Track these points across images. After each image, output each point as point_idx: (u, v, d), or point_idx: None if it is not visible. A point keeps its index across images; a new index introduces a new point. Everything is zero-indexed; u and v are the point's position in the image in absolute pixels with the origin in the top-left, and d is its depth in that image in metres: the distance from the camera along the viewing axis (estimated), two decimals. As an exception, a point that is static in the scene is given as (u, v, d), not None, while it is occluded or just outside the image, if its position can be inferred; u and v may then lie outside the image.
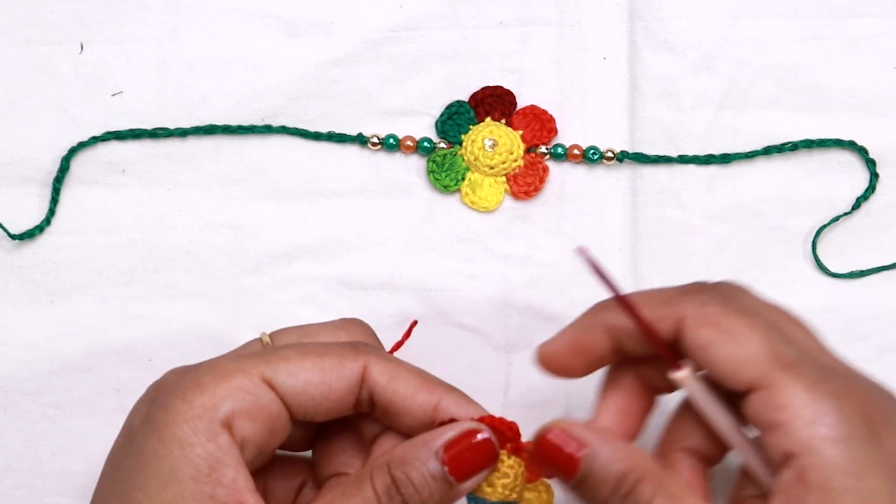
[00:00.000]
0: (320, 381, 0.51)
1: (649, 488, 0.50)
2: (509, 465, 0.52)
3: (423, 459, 0.50)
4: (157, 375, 0.62)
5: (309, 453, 0.57)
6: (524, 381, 0.65)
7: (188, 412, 0.49)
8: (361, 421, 0.55)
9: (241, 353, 0.53)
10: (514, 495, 0.52)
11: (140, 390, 0.65)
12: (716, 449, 0.53)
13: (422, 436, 0.51)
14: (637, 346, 0.52)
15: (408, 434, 0.53)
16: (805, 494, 0.47)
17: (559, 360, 0.53)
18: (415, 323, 0.60)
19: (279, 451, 0.55)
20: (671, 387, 0.52)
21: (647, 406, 0.54)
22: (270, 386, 0.51)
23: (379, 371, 0.52)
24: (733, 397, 0.51)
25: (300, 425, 0.55)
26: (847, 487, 0.47)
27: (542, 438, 0.51)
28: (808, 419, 0.48)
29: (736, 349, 0.49)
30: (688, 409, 0.53)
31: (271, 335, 0.55)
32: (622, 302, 0.50)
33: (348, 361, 0.52)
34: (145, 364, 0.65)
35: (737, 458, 0.53)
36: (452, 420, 0.52)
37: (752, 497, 0.52)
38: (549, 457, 0.51)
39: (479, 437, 0.51)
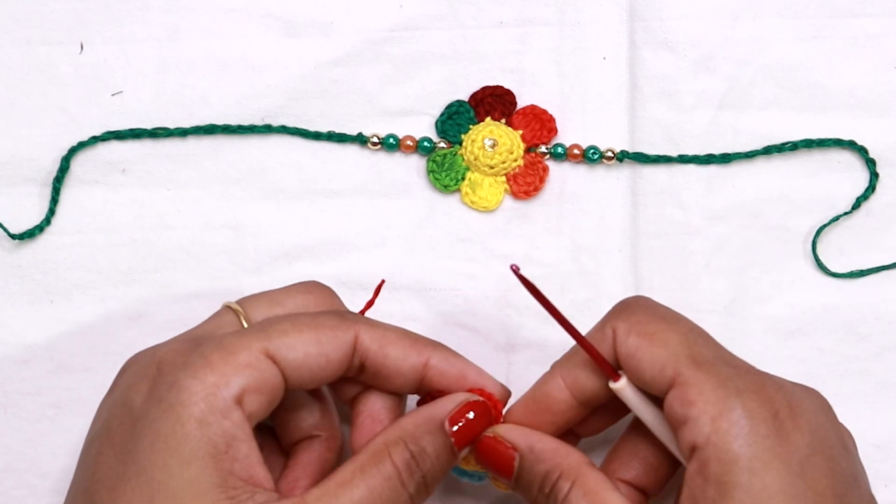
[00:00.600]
0: (318, 354, 0.53)
1: (567, 484, 0.52)
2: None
3: (434, 432, 0.52)
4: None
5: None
6: (524, 380, 0.65)
7: (202, 391, 0.50)
8: (339, 383, 0.56)
9: (219, 326, 0.55)
10: None
11: (140, 390, 0.65)
12: (653, 480, 0.55)
13: (425, 409, 0.54)
14: (595, 388, 0.54)
15: (394, 392, 0.55)
16: (705, 486, 0.49)
17: (526, 424, 0.55)
18: (382, 282, 0.60)
19: None
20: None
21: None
22: (273, 360, 0.52)
23: (370, 338, 0.54)
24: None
25: None
26: (740, 483, 0.49)
27: (479, 444, 0.54)
28: (713, 414, 0.50)
29: (658, 350, 0.52)
30: (625, 441, 0.56)
31: (239, 303, 0.56)
32: (557, 316, 0.53)
33: (341, 332, 0.53)
34: (145, 364, 0.65)
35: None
36: (441, 392, 0.54)
37: None
38: (488, 460, 0.54)
39: (478, 408, 0.54)
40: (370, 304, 0.60)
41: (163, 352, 0.53)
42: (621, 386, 0.53)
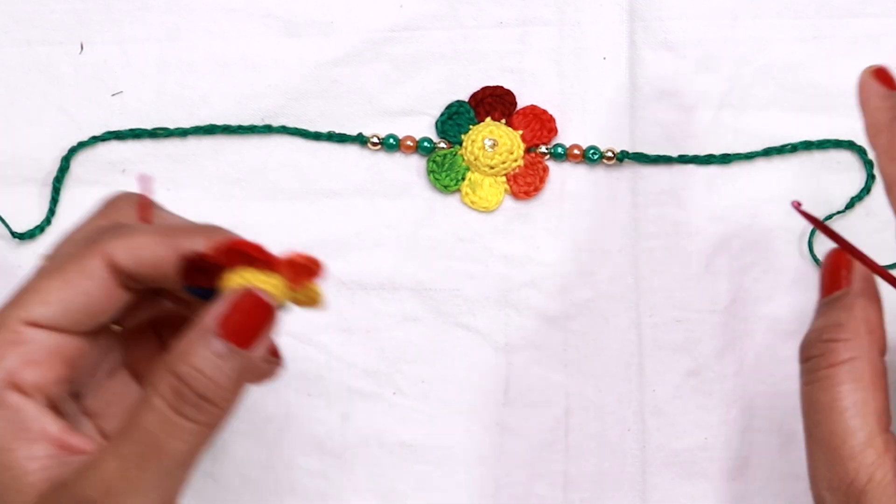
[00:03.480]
0: (74, 295, 0.49)
1: None
2: (272, 284, 0.49)
3: (203, 344, 0.47)
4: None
5: None
6: (524, 381, 0.65)
7: None
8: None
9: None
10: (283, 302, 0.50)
11: (140, 390, 0.65)
12: None
13: (194, 323, 0.48)
14: None
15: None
16: None
17: None
18: (145, 177, 0.54)
19: None
20: None
21: None
22: (34, 325, 0.49)
23: (120, 252, 0.50)
24: None
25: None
26: None
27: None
28: None
29: None
30: None
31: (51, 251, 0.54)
32: (854, 251, 0.52)
33: (87, 260, 0.50)
34: (145, 364, 0.65)
35: None
36: (199, 255, 0.49)
37: None
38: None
39: (250, 297, 0.48)
40: (145, 201, 0.53)
41: None
42: None
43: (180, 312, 0.54)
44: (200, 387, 0.47)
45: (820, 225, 0.51)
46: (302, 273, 0.50)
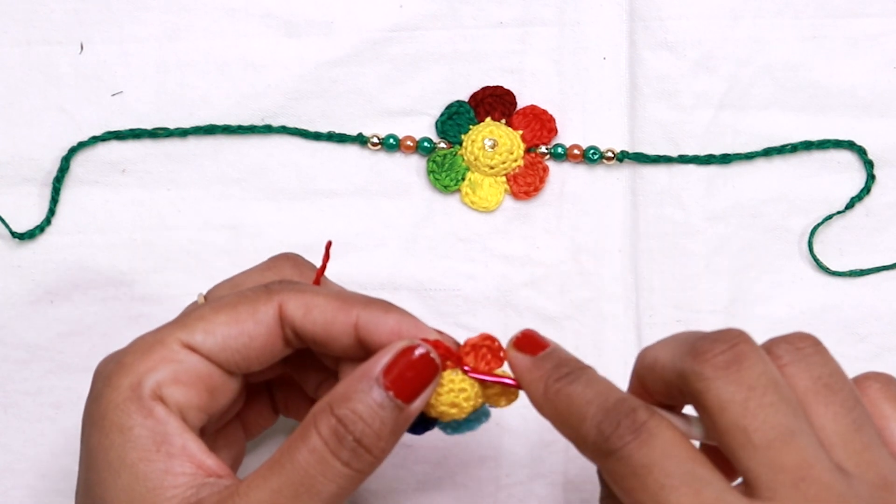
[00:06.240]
0: (238, 333, 0.51)
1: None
2: (462, 380, 0.51)
3: (365, 390, 0.48)
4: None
5: None
6: (524, 381, 0.65)
7: (117, 397, 0.49)
8: (302, 374, 0.55)
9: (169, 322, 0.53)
10: (480, 400, 0.51)
11: (140, 390, 0.65)
12: None
13: (359, 367, 0.49)
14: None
15: (343, 359, 0.53)
16: None
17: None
18: (329, 243, 0.56)
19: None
20: None
21: None
22: (191, 349, 0.50)
23: (294, 306, 0.51)
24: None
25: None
26: None
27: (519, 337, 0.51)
28: None
29: None
30: None
31: (208, 293, 0.55)
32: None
33: (261, 305, 0.51)
34: (145, 364, 0.65)
35: None
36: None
37: None
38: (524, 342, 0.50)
39: (416, 353, 0.49)
40: (322, 269, 0.56)
41: (98, 365, 0.52)
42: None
43: (296, 380, 0.56)
44: (357, 432, 0.48)
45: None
46: (486, 358, 0.52)
